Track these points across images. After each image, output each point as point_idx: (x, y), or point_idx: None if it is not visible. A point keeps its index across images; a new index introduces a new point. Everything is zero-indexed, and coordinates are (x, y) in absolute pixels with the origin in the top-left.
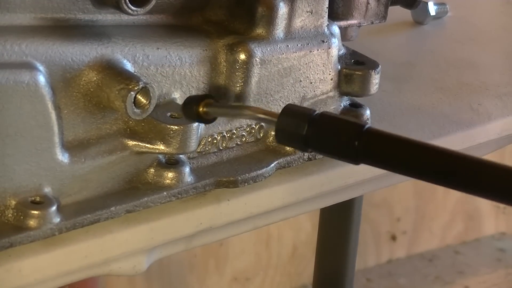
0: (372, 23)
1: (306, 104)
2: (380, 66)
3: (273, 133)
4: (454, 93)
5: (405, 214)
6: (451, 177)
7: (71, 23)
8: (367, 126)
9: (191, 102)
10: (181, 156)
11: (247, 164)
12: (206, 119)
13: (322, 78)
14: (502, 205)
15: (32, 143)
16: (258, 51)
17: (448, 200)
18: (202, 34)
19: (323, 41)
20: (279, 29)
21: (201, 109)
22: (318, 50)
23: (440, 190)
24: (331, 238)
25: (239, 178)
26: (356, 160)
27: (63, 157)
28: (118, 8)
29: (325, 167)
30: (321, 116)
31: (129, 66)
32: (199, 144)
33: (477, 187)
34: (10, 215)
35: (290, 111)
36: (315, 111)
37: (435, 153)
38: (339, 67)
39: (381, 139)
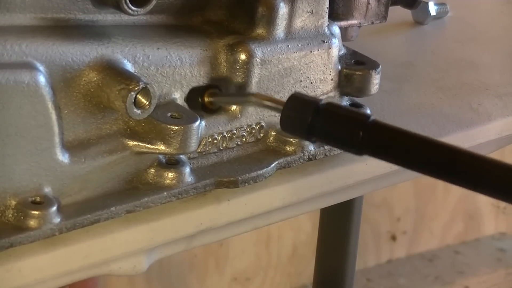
0: (373, 23)
1: None
2: (380, 66)
3: (273, 133)
4: (454, 93)
5: (405, 214)
6: (454, 172)
7: (71, 23)
8: (372, 117)
9: (196, 93)
10: (181, 156)
11: (248, 164)
12: (211, 109)
13: (322, 78)
14: (502, 205)
15: (32, 143)
16: (259, 51)
17: (448, 200)
18: (202, 34)
19: (324, 41)
20: (280, 29)
21: (206, 99)
22: (318, 50)
23: (440, 190)
24: (331, 238)
25: (240, 178)
26: (359, 151)
27: (63, 157)
28: (118, 8)
29: (325, 167)
30: (327, 106)
31: (129, 66)
32: (199, 144)
33: (479, 184)
34: (10, 215)
35: (296, 99)
36: (321, 100)
37: (439, 147)
38: (339, 67)
39: (385, 131)
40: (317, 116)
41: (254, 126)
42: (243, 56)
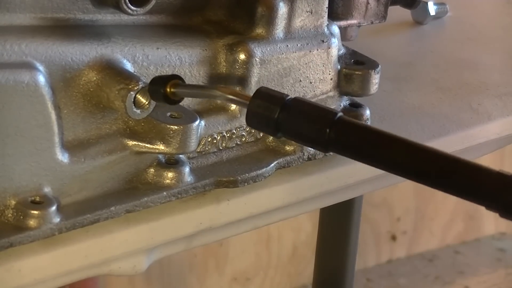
0: (372, 23)
1: None
2: (380, 66)
3: None
4: (454, 93)
5: (405, 214)
6: (419, 171)
7: (71, 23)
8: (339, 114)
9: (158, 82)
10: (181, 156)
11: (247, 164)
12: (173, 100)
13: (322, 78)
14: None
15: (32, 143)
16: (258, 51)
17: (448, 200)
18: (202, 34)
19: (323, 41)
20: (279, 29)
21: (168, 89)
22: (318, 50)
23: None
24: (331, 238)
25: (239, 178)
26: (326, 148)
27: (63, 157)
28: (118, 8)
29: (325, 167)
30: (294, 101)
31: (129, 66)
32: (198, 144)
33: (445, 184)
34: (10, 215)
35: (263, 94)
36: (288, 95)
37: (405, 146)
38: (339, 67)
39: (352, 128)
40: (284, 113)
41: None
42: (242, 56)
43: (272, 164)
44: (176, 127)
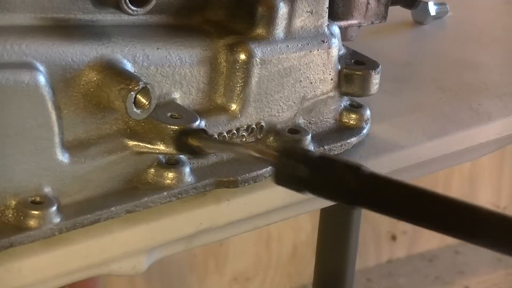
0: (372, 23)
1: (306, 104)
2: (380, 66)
3: (273, 133)
4: (454, 93)
5: None
6: (449, 225)
7: (71, 23)
8: (368, 172)
9: (185, 135)
10: (181, 156)
11: (247, 164)
12: (199, 153)
13: (322, 78)
14: (502, 205)
15: (32, 143)
16: (258, 51)
17: None
18: (202, 34)
19: (323, 41)
20: (279, 29)
21: (194, 143)
22: (318, 50)
23: (440, 190)
24: (331, 238)
25: (239, 178)
26: (353, 205)
27: (63, 157)
28: (118, 8)
29: None
30: (321, 160)
31: (129, 66)
32: None
33: (475, 236)
34: (10, 215)
35: (288, 152)
36: (313, 152)
37: (431, 199)
38: (339, 67)
39: (381, 185)
40: (310, 172)
41: (254, 126)
42: (242, 56)
43: None
44: (176, 127)
